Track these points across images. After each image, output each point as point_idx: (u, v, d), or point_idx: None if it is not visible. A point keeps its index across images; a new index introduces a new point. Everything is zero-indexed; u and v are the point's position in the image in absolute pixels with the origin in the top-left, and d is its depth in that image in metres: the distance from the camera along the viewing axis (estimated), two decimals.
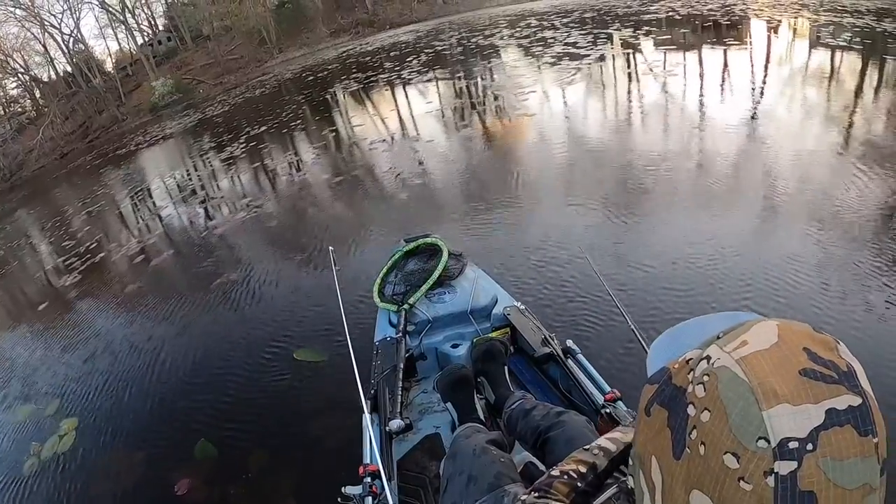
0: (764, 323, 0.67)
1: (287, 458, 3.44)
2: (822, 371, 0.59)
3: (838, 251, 4.22)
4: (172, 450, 3.79)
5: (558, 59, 14.29)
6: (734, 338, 0.66)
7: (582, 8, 24.22)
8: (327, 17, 39.78)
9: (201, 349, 4.98)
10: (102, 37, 40.70)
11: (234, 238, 7.63)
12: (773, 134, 6.99)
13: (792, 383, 0.58)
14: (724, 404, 0.60)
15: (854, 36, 12.03)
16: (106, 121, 33.29)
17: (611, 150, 7.55)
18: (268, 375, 4.29)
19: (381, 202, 7.64)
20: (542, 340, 2.53)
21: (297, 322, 4.94)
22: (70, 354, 5.73)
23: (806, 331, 0.65)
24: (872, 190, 5.03)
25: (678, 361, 0.72)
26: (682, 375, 0.69)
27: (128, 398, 4.58)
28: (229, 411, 4.01)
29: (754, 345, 0.63)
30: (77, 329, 6.34)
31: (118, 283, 7.41)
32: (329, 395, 3.78)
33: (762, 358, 0.61)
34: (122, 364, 5.17)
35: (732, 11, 17.54)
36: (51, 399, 4.94)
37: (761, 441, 0.57)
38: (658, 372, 0.76)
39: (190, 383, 4.52)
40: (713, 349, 0.66)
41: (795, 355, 0.61)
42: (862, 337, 3.32)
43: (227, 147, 13.83)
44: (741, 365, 0.61)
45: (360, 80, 19.16)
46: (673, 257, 4.51)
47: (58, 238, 11.10)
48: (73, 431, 4.31)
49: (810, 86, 9.32)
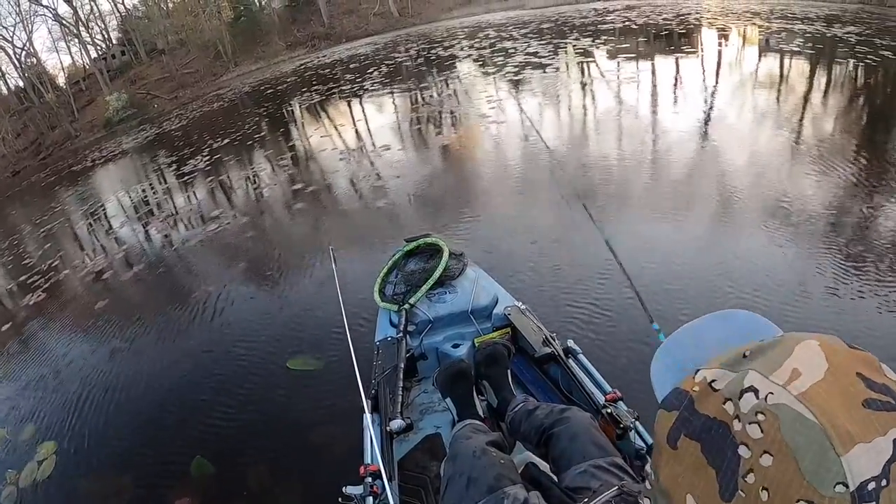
0: (805, 344, 0.63)
1: (288, 468, 3.39)
2: (882, 399, 0.57)
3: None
4: (166, 468, 3.69)
5: (521, 69, 14.44)
6: (777, 364, 0.61)
7: (538, 19, 24.53)
8: (283, 31, 39.60)
9: (187, 362, 4.87)
10: (56, 50, 39.79)
11: (207, 250, 7.52)
12: (723, 137, 7.46)
13: (860, 418, 0.55)
14: (792, 449, 0.56)
15: (806, 42, 12.43)
16: (59, 137, 32.33)
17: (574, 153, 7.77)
18: (261, 384, 4.23)
19: (351, 210, 7.67)
20: (543, 340, 2.53)
21: (293, 327, 4.92)
22: (41, 376, 5.50)
23: (849, 351, 0.62)
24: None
25: (695, 382, 0.69)
26: (714, 405, 0.64)
27: (111, 418, 4.42)
28: (222, 424, 3.93)
29: (808, 374, 0.59)
30: (46, 349, 6.11)
31: (87, 299, 7.18)
32: (328, 401, 3.75)
33: (824, 392, 0.57)
34: (100, 383, 4.99)
35: (687, 21, 18.02)
36: (23, 424, 4.71)
37: (839, 486, 0.53)
38: (672, 395, 0.72)
39: (177, 398, 4.40)
40: (756, 378, 0.61)
41: (853, 384, 0.58)
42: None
43: (189, 161, 13.50)
44: (805, 403, 0.56)
45: (321, 91, 19.04)
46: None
47: (17, 256, 10.73)
48: (52, 456, 4.13)
49: (764, 90, 9.62)
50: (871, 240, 4.57)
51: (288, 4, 41.17)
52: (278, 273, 6.20)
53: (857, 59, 10.39)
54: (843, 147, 6.50)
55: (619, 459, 1.55)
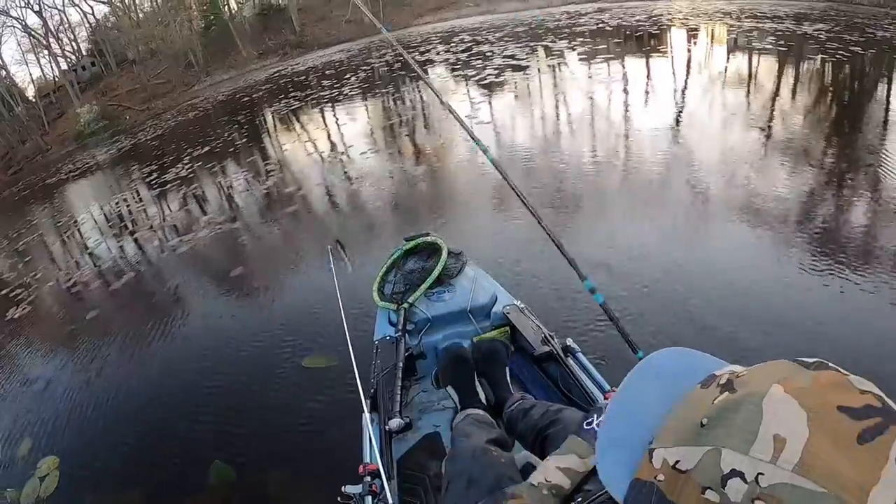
0: (770, 399, 0.56)
1: (309, 469, 3.35)
2: (869, 426, 0.53)
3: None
4: (182, 477, 3.62)
5: (501, 71, 14.53)
6: (751, 434, 0.54)
7: (511, 23, 24.61)
8: (255, 39, 39.38)
9: (193, 365, 4.81)
10: (25, 63, 39.15)
11: (197, 257, 7.45)
12: (692, 135, 7.72)
13: (862, 462, 0.51)
14: None
15: (778, 39, 12.64)
16: (30, 151, 31.71)
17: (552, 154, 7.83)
18: (275, 384, 4.16)
19: (350, 211, 7.67)
20: (542, 339, 2.52)
21: (295, 327, 4.87)
22: (35, 388, 5.37)
23: (815, 382, 0.57)
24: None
25: (655, 469, 0.61)
26: (692, 496, 0.56)
27: (115, 429, 4.32)
28: (238, 428, 3.86)
29: (793, 438, 0.53)
30: (39, 360, 6.00)
31: (76, 309, 7.10)
32: (344, 398, 3.67)
33: (819, 453, 0.52)
34: (102, 393, 4.87)
35: (660, 21, 18.24)
36: (19, 439, 4.56)
37: None
38: (634, 492, 0.64)
39: (187, 403, 4.32)
40: (736, 459, 0.54)
41: (839, 423, 0.53)
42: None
43: (169, 170, 13.29)
44: (805, 474, 0.51)
45: (300, 98, 18.97)
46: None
47: None
48: (55, 471, 4.01)
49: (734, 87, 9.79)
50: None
51: (259, 13, 41.00)
52: (278, 273, 6.16)
53: (829, 55, 10.63)
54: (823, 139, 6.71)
55: None
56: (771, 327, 3.60)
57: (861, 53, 10.45)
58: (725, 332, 3.65)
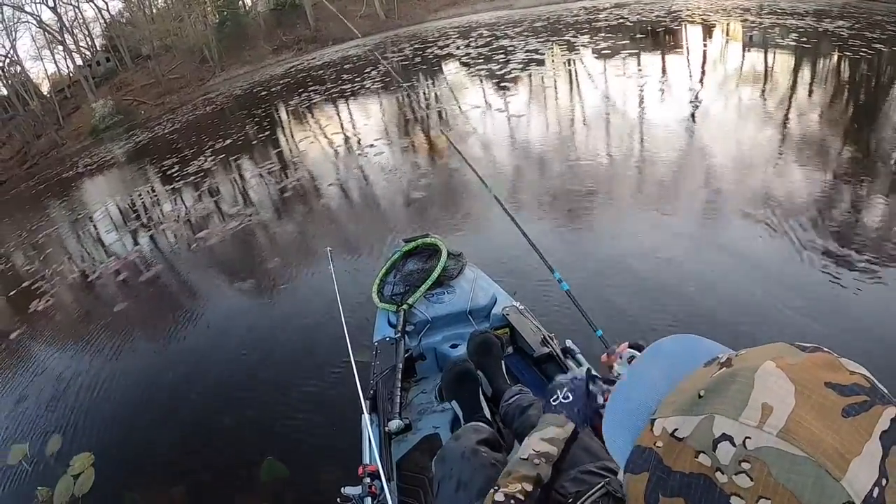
0: (763, 371, 0.60)
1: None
2: (856, 401, 0.56)
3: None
4: (230, 473, 3.39)
5: (525, 65, 14.36)
6: (742, 402, 0.58)
7: (529, 18, 24.57)
8: (269, 35, 39.72)
9: (225, 360, 4.60)
10: (40, 58, 39.66)
11: (224, 251, 7.23)
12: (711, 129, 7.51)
13: (845, 432, 0.54)
14: (789, 489, 0.53)
15: (801, 36, 12.53)
16: (45, 145, 32.08)
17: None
18: (329, 376, 3.93)
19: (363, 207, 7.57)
20: (542, 340, 2.55)
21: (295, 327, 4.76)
22: (66, 382, 5.09)
23: (807, 360, 0.61)
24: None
25: (655, 436, 0.65)
26: (686, 460, 0.60)
27: (154, 423, 4.09)
28: (290, 422, 3.64)
29: (779, 407, 0.56)
30: (64, 353, 5.79)
31: (102, 303, 6.87)
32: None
33: (802, 420, 0.55)
34: (134, 387, 4.65)
35: (679, 17, 18.21)
36: (47, 435, 4.31)
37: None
38: (635, 456, 0.68)
39: (231, 396, 4.09)
40: (726, 424, 0.58)
41: (826, 397, 0.57)
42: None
43: (191, 163, 13.12)
44: (788, 440, 0.54)
45: (320, 91, 18.83)
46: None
47: (18, 262, 10.36)
48: (90, 468, 3.77)
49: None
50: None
51: (273, 8, 41.18)
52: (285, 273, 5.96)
53: (853, 52, 10.40)
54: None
55: (610, 462, 1.51)
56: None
57: (886, 51, 10.19)
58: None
